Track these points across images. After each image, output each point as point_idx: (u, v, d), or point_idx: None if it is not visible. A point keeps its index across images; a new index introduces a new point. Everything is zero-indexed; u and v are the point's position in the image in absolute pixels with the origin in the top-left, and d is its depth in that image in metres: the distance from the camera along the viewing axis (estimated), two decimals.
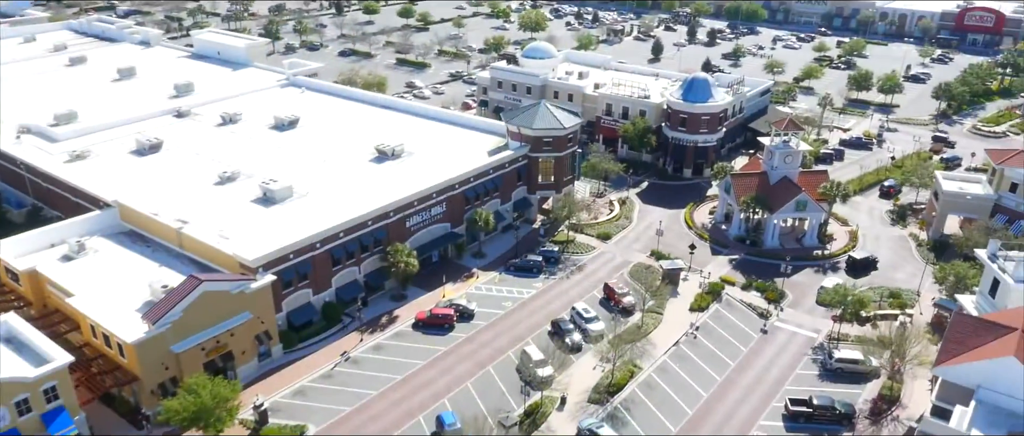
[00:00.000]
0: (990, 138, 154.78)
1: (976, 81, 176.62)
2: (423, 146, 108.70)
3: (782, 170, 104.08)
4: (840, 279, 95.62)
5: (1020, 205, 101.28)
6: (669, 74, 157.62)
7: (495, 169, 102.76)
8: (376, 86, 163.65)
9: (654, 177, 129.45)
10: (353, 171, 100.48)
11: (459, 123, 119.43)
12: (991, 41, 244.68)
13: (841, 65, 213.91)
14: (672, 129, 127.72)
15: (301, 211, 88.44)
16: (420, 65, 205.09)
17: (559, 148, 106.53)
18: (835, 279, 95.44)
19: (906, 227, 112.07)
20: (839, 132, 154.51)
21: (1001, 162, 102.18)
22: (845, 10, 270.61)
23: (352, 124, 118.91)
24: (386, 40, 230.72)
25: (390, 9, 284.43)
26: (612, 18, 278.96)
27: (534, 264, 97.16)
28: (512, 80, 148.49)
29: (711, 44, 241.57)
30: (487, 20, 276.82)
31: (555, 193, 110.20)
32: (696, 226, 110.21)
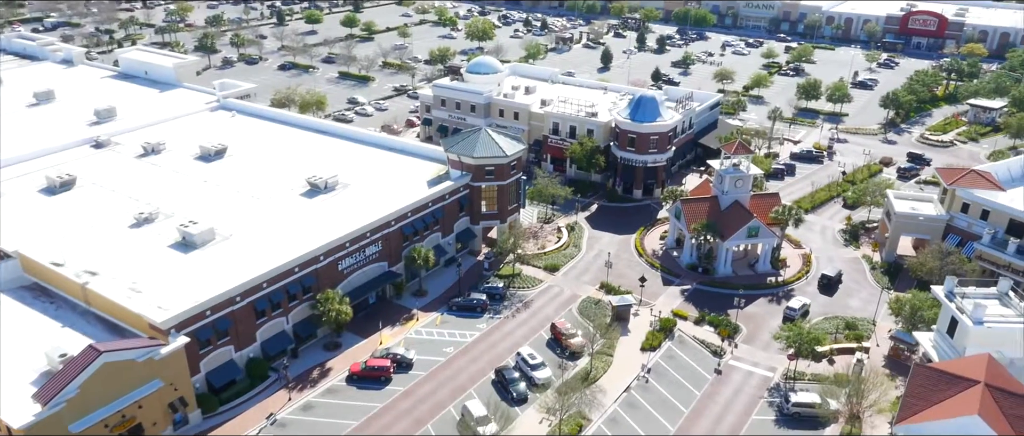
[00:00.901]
0: (937, 147, 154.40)
1: (922, 88, 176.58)
2: (359, 176, 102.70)
3: (733, 194, 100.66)
4: (808, 299, 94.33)
5: (972, 226, 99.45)
6: (617, 88, 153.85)
7: (435, 201, 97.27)
8: (315, 105, 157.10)
9: (603, 199, 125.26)
10: (282, 207, 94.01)
11: (398, 149, 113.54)
12: (935, 44, 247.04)
13: (790, 72, 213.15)
14: (621, 149, 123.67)
15: (223, 257, 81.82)
16: (363, 79, 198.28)
17: (502, 176, 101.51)
18: (804, 299, 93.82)
19: (859, 248, 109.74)
20: (790, 144, 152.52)
21: (952, 182, 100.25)
22: (792, 14, 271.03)
23: (284, 152, 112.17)
24: (329, 52, 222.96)
25: (334, 18, 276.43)
26: (561, 25, 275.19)
27: (477, 303, 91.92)
28: (456, 98, 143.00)
29: (661, 51, 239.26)
30: (434, 28, 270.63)
31: (500, 223, 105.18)
32: (647, 254, 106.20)
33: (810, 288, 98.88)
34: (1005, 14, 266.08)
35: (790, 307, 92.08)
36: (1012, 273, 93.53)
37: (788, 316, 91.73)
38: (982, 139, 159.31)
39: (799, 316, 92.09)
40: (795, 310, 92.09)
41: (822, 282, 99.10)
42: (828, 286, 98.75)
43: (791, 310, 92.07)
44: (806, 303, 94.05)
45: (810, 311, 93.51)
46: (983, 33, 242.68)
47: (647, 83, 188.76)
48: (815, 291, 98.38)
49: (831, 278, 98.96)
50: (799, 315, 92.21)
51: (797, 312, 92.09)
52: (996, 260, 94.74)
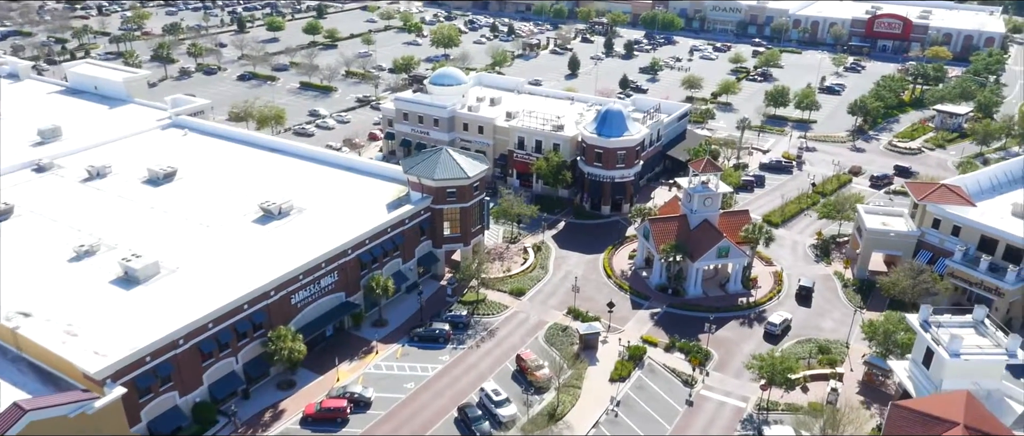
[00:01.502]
0: (905, 155, 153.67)
1: (889, 94, 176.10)
2: (315, 199, 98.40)
3: (702, 213, 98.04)
4: (789, 314, 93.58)
5: (943, 242, 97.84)
6: (584, 98, 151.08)
7: (394, 226, 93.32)
8: (274, 119, 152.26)
9: (571, 216, 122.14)
10: (233, 236, 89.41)
11: (356, 169, 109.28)
12: (900, 47, 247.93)
13: (758, 77, 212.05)
14: (587, 164, 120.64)
15: (167, 293, 77.15)
16: (325, 89, 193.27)
17: (464, 198, 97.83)
18: (785, 314, 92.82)
19: (830, 264, 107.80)
20: (759, 154, 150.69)
21: (923, 198, 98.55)
22: (759, 18, 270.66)
23: (237, 174, 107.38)
24: (290, 61, 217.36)
25: (297, 25, 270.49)
26: (528, 30, 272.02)
27: (440, 333, 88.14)
28: (419, 112, 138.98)
29: (628, 56, 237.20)
30: (399, 34, 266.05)
31: (463, 246, 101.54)
32: (615, 275, 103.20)
33: (781, 309, 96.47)
34: (968, 16, 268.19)
35: (771, 323, 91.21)
36: (984, 290, 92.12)
37: (769, 331, 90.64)
38: (949, 146, 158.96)
39: (780, 331, 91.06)
40: (776, 326, 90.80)
41: (800, 293, 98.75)
42: (805, 297, 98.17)
43: (772, 326, 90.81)
44: (788, 318, 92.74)
45: (791, 326, 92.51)
46: (947, 36, 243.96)
47: (615, 91, 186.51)
48: (789, 309, 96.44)
49: (809, 289, 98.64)
50: (780, 331, 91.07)
51: (779, 327, 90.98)
52: (968, 278, 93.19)
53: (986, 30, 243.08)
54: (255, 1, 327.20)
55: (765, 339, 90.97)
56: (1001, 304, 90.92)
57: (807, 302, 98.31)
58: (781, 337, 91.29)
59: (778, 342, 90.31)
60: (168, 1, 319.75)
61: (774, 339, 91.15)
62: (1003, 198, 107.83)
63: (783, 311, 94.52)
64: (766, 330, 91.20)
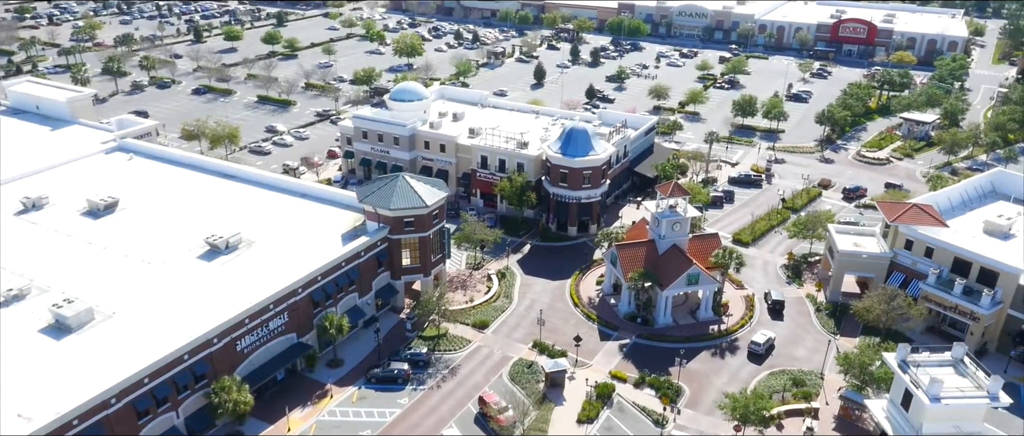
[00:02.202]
0: (874, 165, 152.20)
1: (856, 103, 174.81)
2: (265, 231, 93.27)
3: (671, 238, 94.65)
4: (772, 332, 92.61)
5: (916, 263, 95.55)
6: (550, 112, 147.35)
7: (349, 260, 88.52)
8: (227, 138, 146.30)
9: (537, 237, 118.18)
10: (176, 274, 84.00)
11: (311, 196, 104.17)
12: (865, 51, 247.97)
13: (725, 85, 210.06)
14: (553, 185, 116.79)
15: (101, 343, 71.74)
16: (284, 103, 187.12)
17: (423, 227, 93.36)
18: (768, 333, 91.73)
19: (802, 285, 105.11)
20: (728, 167, 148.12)
21: (894, 218, 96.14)
22: (725, 23, 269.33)
23: (184, 203, 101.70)
24: (248, 73, 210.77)
25: (256, 33, 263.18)
26: (493, 37, 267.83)
27: (399, 373, 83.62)
28: (378, 130, 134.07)
29: (595, 64, 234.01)
30: (361, 43, 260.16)
31: (424, 276, 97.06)
32: (582, 303, 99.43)
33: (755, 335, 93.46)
34: (931, 19, 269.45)
35: (755, 343, 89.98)
36: (959, 315, 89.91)
37: (753, 351, 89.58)
38: (917, 155, 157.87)
39: (764, 351, 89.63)
40: (760, 345, 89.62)
41: (772, 308, 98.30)
42: (777, 312, 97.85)
43: (756, 345, 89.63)
44: (771, 337, 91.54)
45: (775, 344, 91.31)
46: (911, 40, 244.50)
47: (581, 103, 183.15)
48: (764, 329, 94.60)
49: (780, 302, 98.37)
50: (764, 350, 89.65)
51: (763, 347, 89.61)
52: (942, 302, 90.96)
53: (949, 34, 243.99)
54: (214, 8, 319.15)
55: (749, 359, 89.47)
56: (976, 328, 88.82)
57: (779, 316, 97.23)
58: (765, 356, 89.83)
59: (762, 361, 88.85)
60: (122, 10, 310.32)
61: (759, 359, 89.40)
62: (974, 214, 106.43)
63: (766, 330, 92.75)
64: (750, 350, 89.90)
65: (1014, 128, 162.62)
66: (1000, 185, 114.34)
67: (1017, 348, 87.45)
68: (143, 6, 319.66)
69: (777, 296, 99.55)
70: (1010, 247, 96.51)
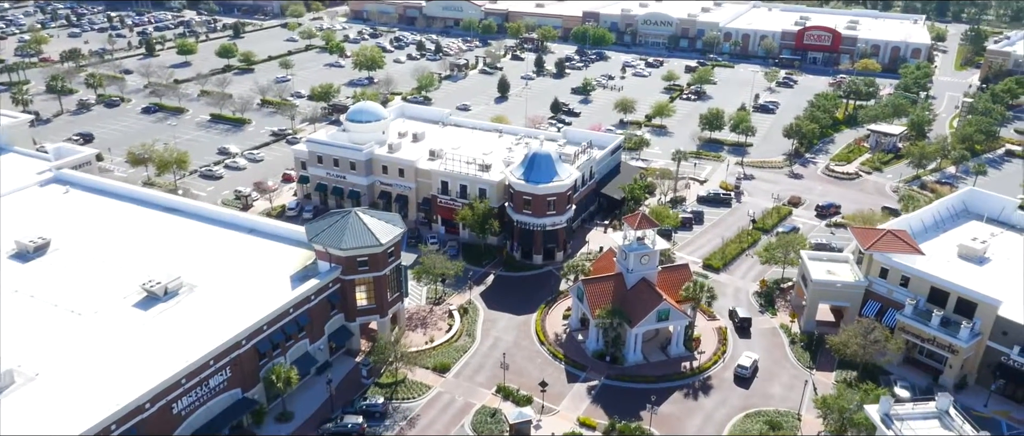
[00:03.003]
0: (843, 180, 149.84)
1: (824, 115, 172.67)
2: (209, 272, 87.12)
3: (639, 272, 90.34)
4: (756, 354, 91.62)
5: (892, 292, 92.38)
6: (513, 130, 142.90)
7: (298, 305, 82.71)
8: (175, 163, 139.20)
9: (501, 267, 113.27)
10: (109, 327, 77.55)
11: (259, 231, 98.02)
12: (830, 59, 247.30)
13: (692, 96, 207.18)
14: (516, 212, 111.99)
15: (18, 411, 65.22)
16: (238, 122, 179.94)
17: (378, 266, 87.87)
18: (753, 354, 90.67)
19: (776, 315, 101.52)
20: (696, 185, 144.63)
21: (869, 246, 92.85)
22: (691, 31, 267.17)
23: (122, 243, 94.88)
24: (201, 89, 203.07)
25: (211, 46, 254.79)
26: (456, 48, 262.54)
27: (353, 428, 78.08)
28: (334, 154, 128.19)
29: (560, 75, 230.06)
30: (320, 55, 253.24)
31: (380, 317, 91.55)
32: (548, 341, 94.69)
33: (727, 373, 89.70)
34: (894, 25, 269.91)
35: (741, 366, 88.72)
36: (937, 347, 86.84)
37: (740, 376, 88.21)
38: (885, 168, 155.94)
39: (751, 374, 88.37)
40: (746, 368, 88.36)
41: (739, 326, 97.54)
42: (744, 329, 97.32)
43: (742, 369, 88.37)
44: (756, 359, 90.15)
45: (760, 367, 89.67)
46: (875, 47, 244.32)
47: (546, 118, 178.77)
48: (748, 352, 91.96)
49: (747, 320, 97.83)
50: (751, 373, 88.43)
51: (748, 370, 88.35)
52: (920, 334, 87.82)
53: (912, 41, 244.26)
54: (169, 19, 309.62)
55: (736, 383, 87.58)
56: (955, 361, 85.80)
57: (747, 334, 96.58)
58: (751, 380, 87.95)
59: (749, 385, 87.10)
60: (71, 22, 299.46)
61: (745, 382, 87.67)
62: (947, 237, 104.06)
63: (749, 352, 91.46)
64: (737, 374, 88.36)
65: (981, 139, 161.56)
66: (972, 204, 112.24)
67: (998, 381, 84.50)
68: (94, 18, 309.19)
69: (744, 313, 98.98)
70: (986, 273, 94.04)
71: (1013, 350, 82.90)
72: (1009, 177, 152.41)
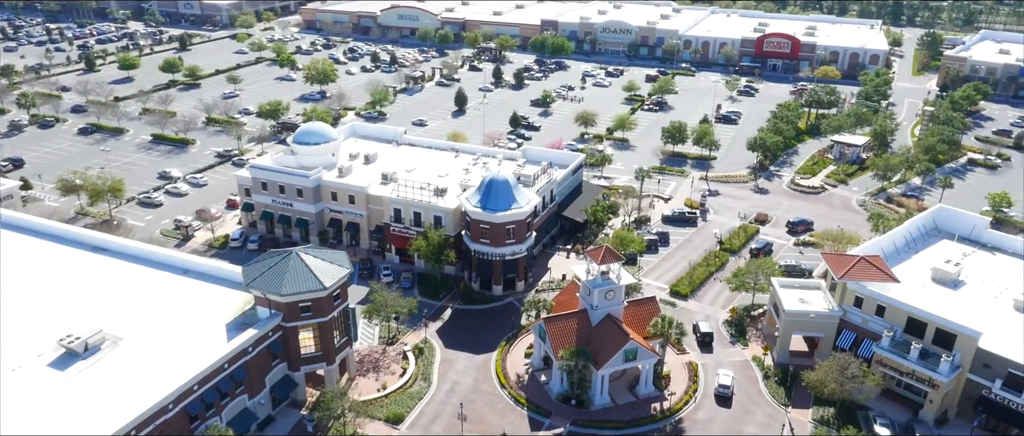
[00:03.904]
0: (809, 194, 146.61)
1: (787, 126, 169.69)
2: (137, 322, 79.47)
3: (604, 308, 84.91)
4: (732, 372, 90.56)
5: (867, 322, 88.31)
6: (471, 150, 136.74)
7: (235, 359, 75.58)
8: (110, 191, 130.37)
9: (458, 299, 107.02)
10: (19, 391, 69.59)
11: (194, 272, 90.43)
12: (789, 66, 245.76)
13: (653, 107, 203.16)
14: (474, 241, 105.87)
15: None
16: (181, 142, 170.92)
17: (323, 311, 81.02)
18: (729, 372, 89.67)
19: (747, 346, 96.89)
20: (660, 202, 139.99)
21: (842, 275, 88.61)
22: (650, 39, 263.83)
23: (40, 289, 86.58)
24: (143, 107, 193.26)
25: (155, 60, 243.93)
26: (412, 58, 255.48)
27: None
28: (279, 181, 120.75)
29: (519, 86, 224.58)
30: (271, 68, 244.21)
31: (327, 365, 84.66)
32: (509, 383, 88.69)
33: (700, 413, 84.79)
34: (851, 32, 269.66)
35: (722, 385, 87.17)
36: (917, 381, 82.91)
37: (721, 394, 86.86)
38: (850, 180, 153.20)
39: (733, 392, 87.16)
40: (727, 387, 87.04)
41: (701, 339, 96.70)
42: (707, 344, 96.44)
43: (723, 388, 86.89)
44: (734, 375, 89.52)
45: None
46: (834, 54, 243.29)
47: (504, 134, 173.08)
48: (712, 404, 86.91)
49: (709, 335, 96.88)
50: (733, 391, 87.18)
51: (730, 389, 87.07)
52: (899, 367, 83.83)
53: (870, 48, 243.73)
54: (112, 31, 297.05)
55: (718, 403, 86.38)
56: (935, 395, 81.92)
57: (709, 348, 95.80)
58: (732, 398, 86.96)
59: (730, 404, 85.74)
60: (7, 35, 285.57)
61: (727, 402, 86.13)
62: (920, 258, 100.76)
63: (726, 370, 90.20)
64: (718, 393, 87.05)
65: (944, 149, 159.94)
66: (943, 223, 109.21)
67: (979, 416, 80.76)
68: (32, 30, 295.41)
69: (706, 327, 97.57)
70: (961, 298, 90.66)
71: (995, 383, 79.23)
72: (973, 188, 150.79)
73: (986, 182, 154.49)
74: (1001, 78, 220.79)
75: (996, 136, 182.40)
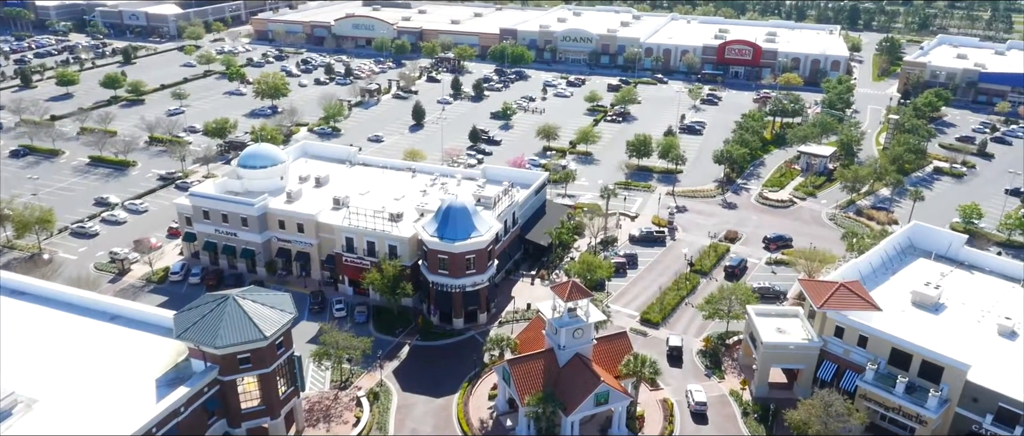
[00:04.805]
0: (778, 209, 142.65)
1: (753, 138, 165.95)
2: (56, 379, 71.27)
3: (573, 347, 78.96)
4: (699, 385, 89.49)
5: (849, 352, 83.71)
6: (429, 169, 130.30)
7: (164, 422, 67.75)
8: (37, 223, 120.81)
9: (416, 335, 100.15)
10: None
11: (123, 318, 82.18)
12: (752, 73, 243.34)
13: (617, 118, 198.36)
14: (432, 272, 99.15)
15: None
16: (121, 164, 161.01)
17: (264, 362, 73.69)
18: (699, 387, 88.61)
19: (723, 379, 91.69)
20: (627, 221, 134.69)
21: (822, 304, 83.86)
22: (611, 47, 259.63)
23: None
24: (81, 126, 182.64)
25: (97, 74, 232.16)
26: (368, 70, 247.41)
27: None
28: (222, 209, 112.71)
29: (478, 98, 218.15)
30: (219, 82, 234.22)
31: (271, 419, 77.20)
32: (472, 430, 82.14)
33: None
34: (811, 37, 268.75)
35: (699, 403, 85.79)
36: (904, 417, 78.39)
37: (698, 411, 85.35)
38: (819, 192, 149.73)
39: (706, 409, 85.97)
40: (704, 404, 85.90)
41: (670, 353, 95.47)
42: (676, 357, 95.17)
43: (700, 406, 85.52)
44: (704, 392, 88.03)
45: None
46: (796, 60, 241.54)
47: (464, 150, 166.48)
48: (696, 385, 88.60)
49: (679, 348, 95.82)
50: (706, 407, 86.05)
51: (706, 405, 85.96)
52: (884, 402, 79.26)
53: (831, 54, 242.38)
54: (53, 44, 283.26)
55: (695, 422, 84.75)
56: (923, 432, 77.45)
57: (678, 363, 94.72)
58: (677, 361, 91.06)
59: (706, 421, 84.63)
60: None
61: (703, 418, 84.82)
62: (897, 280, 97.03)
63: (696, 385, 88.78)
64: (695, 410, 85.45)
65: (911, 159, 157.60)
66: (918, 240, 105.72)
67: None
68: None
69: (676, 341, 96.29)
70: (943, 323, 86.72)
71: (985, 419, 75.02)
72: (941, 198, 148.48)
73: (954, 192, 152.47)
74: (960, 83, 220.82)
75: (960, 143, 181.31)
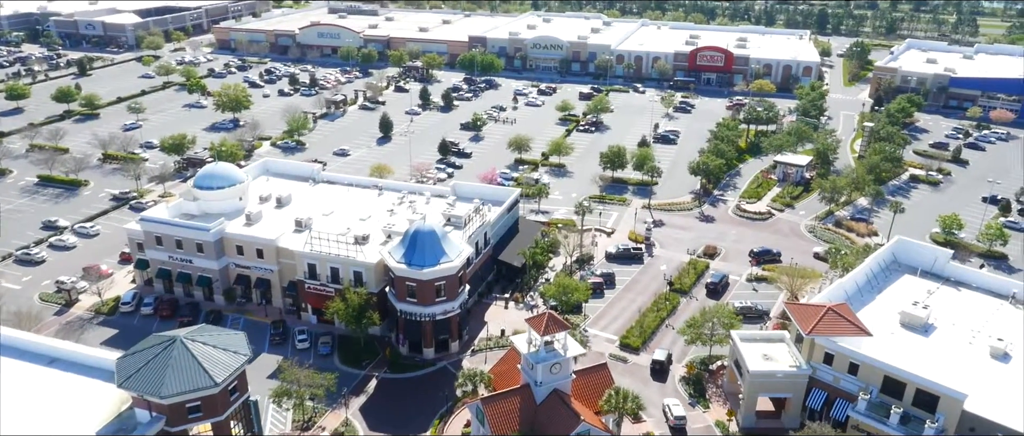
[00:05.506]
0: (756, 221, 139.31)
1: (728, 148, 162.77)
2: None
3: (550, 383, 74.12)
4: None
5: (839, 380, 79.94)
6: (396, 187, 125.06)
7: None
8: None
9: (384, 367, 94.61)
10: None
11: (64, 362, 75.65)
12: (724, 80, 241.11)
13: (590, 127, 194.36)
14: (399, 300, 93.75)
15: None
16: (73, 184, 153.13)
17: (216, 410, 67.77)
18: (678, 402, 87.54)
19: (708, 409, 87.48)
20: (603, 237, 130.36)
21: (810, 331, 79.95)
22: (582, 54, 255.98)
23: None
24: (30, 143, 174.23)
25: (49, 87, 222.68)
26: (334, 80, 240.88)
27: None
28: (175, 235, 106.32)
29: (447, 108, 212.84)
30: (179, 94, 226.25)
31: None
32: None
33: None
34: (782, 43, 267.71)
35: (678, 417, 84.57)
36: None
37: (677, 426, 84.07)
38: (796, 203, 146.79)
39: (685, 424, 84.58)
40: (682, 419, 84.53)
41: (653, 368, 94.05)
42: (660, 372, 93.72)
43: (680, 419, 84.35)
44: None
45: None
46: (767, 67, 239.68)
47: (433, 165, 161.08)
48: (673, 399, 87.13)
49: (662, 363, 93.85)
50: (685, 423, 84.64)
51: (685, 420, 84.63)
52: (878, 434, 75.41)
53: (802, 59, 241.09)
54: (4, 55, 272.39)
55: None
56: None
57: (663, 377, 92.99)
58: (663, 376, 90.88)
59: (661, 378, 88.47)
60: None
61: (682, 432, 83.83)
62: (884, 298, 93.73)
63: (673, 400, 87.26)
64: (676, 426, 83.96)
65: (887, 167, 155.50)
66: (902, 256, 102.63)
67: None
68: None
69: (660, 355, 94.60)
70: (933, 346, 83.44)
71: None
72: (919, 207, 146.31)
73: (931, 200, 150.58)
74: (932, 88, 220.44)
75: (934, 149, 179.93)
